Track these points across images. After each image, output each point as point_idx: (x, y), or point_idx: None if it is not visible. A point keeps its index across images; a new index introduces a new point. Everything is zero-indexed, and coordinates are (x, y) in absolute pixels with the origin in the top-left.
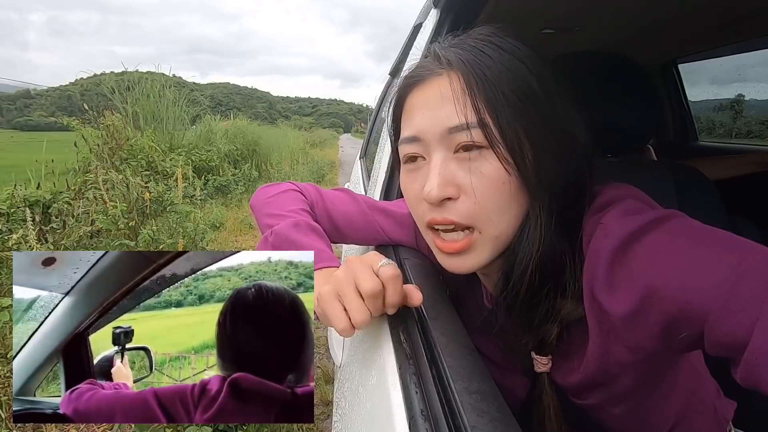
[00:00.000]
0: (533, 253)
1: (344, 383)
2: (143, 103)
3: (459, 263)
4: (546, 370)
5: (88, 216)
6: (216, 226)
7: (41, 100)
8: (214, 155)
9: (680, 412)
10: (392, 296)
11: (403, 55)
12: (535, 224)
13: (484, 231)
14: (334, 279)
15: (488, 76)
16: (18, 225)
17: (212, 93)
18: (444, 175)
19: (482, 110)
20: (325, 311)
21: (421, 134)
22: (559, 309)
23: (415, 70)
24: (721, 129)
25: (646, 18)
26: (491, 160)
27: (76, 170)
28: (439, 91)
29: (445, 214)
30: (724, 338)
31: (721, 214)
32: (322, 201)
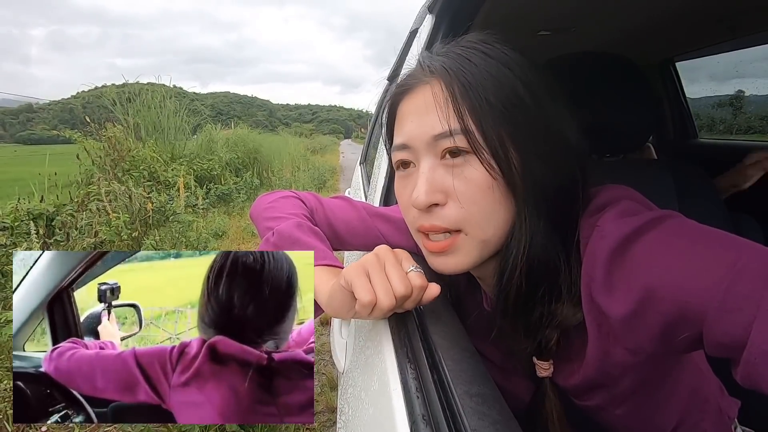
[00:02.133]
0: (520, 257)
1: (347, 389)
2: (144, 114)
3: (443, 262)
4: (548, 375)
5: (92, 228)
6: (218, 235)
7: (43, 113)
8: (215, 164)
9: (684, 412)
10: (411, 303)
11: (400, 60)
12: (520, 228)
13: (470, 234)
14: (365, 260)
15: (471, 83)
16: (22, 238)
17: (213, 102)
18: (431, 181)
19: (466, 117)
20: (354, 282)
21: (410, 141)
22: (555, 313)
23: (405, 79)
24: (721, 126)
25: (641, 17)
26: (476, 166)
27: (79, 182)
28: (426, 99)
29: (432, 221)
30: (723, 338)
31: (722, 212)
32: (322, 208)
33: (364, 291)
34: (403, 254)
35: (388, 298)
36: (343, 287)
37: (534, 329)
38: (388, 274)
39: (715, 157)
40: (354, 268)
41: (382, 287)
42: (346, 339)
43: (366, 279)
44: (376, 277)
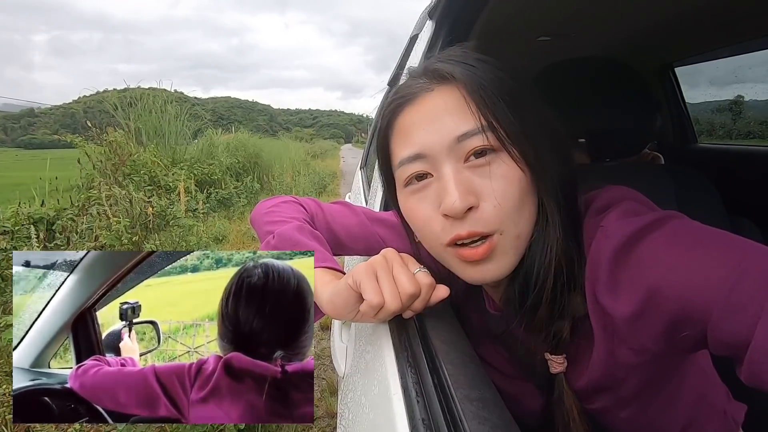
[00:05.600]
0: (556, 248)
1: (347, 394)
2: (145, 119)
3: (483, 271)
4: (562, 369)
5: (92, 232)
6: (219, 239)
7: (45, 118)
8: (216, 168)
9: (689, 416)
10: (420, 303)
11: (400, 66)
12: (552, 220)
13: (505, 232)
14: (373, 260)
15: (485, 83)
16: (22, 242)
17: (213, 107)
18: (462, 184)
19: (489, 115)
20: (363, 282)
21: (426, 150)
22: (567, 304)
23: (402, 91)
24: (720, 130)
25: (641, 23)
26: (506, 161)
27: (80, 187)
28: (438, 105)
29: (469, 227)
30: (727, 338)
31: (723, 215)
32: (323, 214)
33: (373, 291)
34: (408, 257)
35: (395, 299)
36: (350, 287)
37: (547, 322)
38: (395, 276)
39: (715, 162)
40: (363, 268)
41: (390, 289)
42: (346, 343)
43: (375, 279)
44: (384, 278)
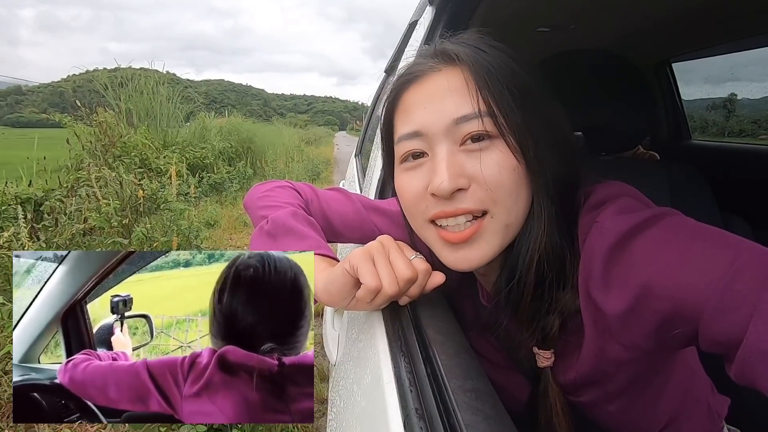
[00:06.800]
0: (540, 243)
1: (339, 381)
2: (136, 100)
3: (465, 256)
4: (549, 364)
5: (81, 214)
6: (210, 224)
7: (33, 96)
8: (208, 152)
9: (675, 410)
10: (417, 288)
11: (398, 52)
12: (540, 214)
13: (496, 216)
14: (370, 246)
15: (492, 69)
16: (9, 223)
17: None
18: (454, 166)
19: (491, 101)
20: (360, 267)
21: (424, 129)
22: (558, 300)
23: (410, 68)
24: (714, 128)
25: (640, 17)
26: (501, 148)
27: (69, 167)
28: (441, 85)
29: (456, 205)
30: (719, 335)
31: (715, 212)
32: (318, 200)
33: (370, 275)
34: (404, 245)
35: (393, 284)
36: (346, 272)
37: (537, 317)
38: (392, 261)
39: (708, 159)
40: (360, 253)
41: (387, 273)
42: (338, 331)
43: (372, 264)
44: (381, 262)
